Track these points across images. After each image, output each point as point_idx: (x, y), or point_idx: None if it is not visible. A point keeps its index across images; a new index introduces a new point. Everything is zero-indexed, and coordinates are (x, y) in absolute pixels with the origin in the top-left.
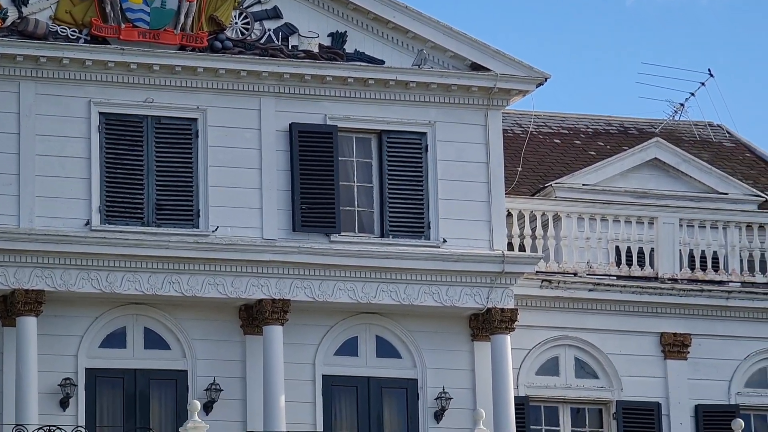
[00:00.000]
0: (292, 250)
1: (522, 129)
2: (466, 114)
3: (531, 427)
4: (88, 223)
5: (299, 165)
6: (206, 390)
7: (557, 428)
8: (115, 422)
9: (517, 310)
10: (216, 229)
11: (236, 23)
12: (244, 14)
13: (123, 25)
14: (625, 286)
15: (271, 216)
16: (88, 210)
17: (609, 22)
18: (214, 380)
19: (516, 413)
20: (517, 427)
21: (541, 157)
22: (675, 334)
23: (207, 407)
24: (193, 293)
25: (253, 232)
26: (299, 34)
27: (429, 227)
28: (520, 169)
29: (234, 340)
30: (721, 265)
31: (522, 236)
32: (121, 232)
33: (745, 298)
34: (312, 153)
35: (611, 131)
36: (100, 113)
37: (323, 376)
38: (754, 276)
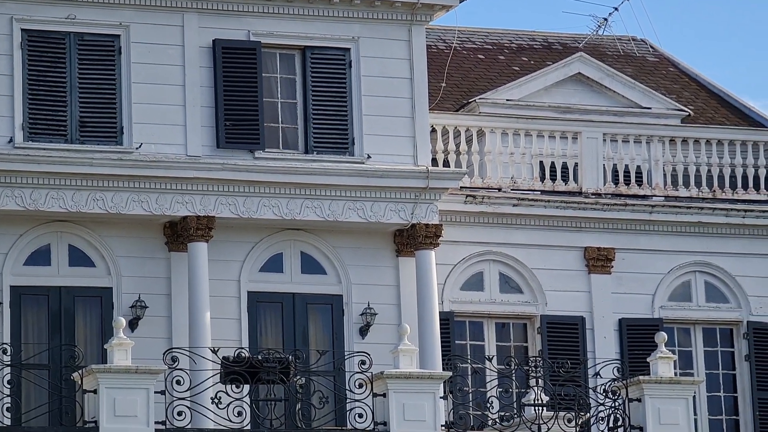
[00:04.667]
0: (216, 166)
1: (446, 45)
2: (390, 29)
3: (456, 341)
4: (11, 140)
5: (223, 81)
6: (131, 307)
7: (482, 343)
8: (40, 339)
9: (441, 225)
10: (140, 146)
11: None
12: None
13: None
14: (549, 200)
15: (194, 133)
16: (11, 127)
17: None
18: (139, 297)
19: (441, 328)
20: (441, 341)
21: (465, 72)
22: (599, 249)
23: (132, 324)
24: (118, 210)
25: (177, 148)
26: None
27: (353, 143)
28: (444, 84)
29: (159, 257)
30: (645, 180)
31: (446, 152)
32: (44, 149)
33: (668, 212)
34: (235, 69)
35: (535, 46)
36: (23, 30)
37: (248, 292)
38: (677, 190)
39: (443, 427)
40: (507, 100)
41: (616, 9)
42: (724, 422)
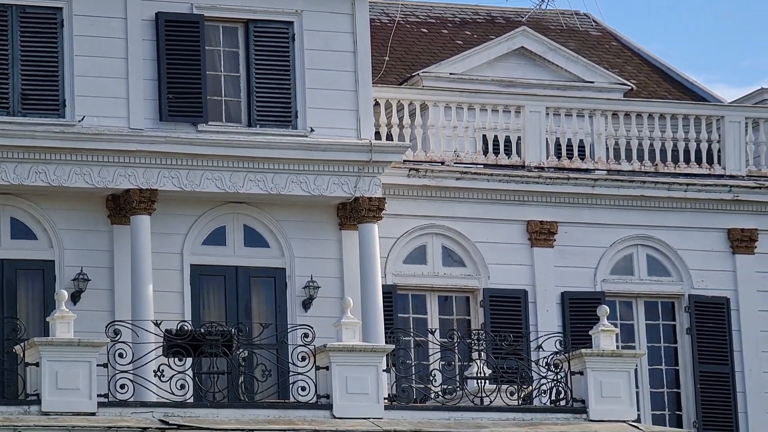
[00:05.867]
0: (159, 139)
1: (389, 18)
2: (333, 3)
3: (399, 315)
4: None
5: (166, 54)
6: (74, 280)
7: (425, 316)
8: None
9: (384, 198)
10: (82, 119)
11: None
12: None
13: None
14: (492, 174)
15: (137, 105)
16: None
17: None
18: (82, 270)
19: (384, 301)
20: (384, 315)
21: (409, 46)
22: (541, 222)
23: (74, 297)
24: (60, 183)
25: (119, 121)
26: None
27: (296, 116)
28: (387, 58)
29: (101, 230)
30: (587, 153)
31: (389, 125)
32: None
33: (611, 185)
34: (178, 42)
35: (478, 20)
36: None
37: (191, 265)
38: (620, 164)
39: (386, 400)
40: (450, 73)
41: None
42: (666, 395)
